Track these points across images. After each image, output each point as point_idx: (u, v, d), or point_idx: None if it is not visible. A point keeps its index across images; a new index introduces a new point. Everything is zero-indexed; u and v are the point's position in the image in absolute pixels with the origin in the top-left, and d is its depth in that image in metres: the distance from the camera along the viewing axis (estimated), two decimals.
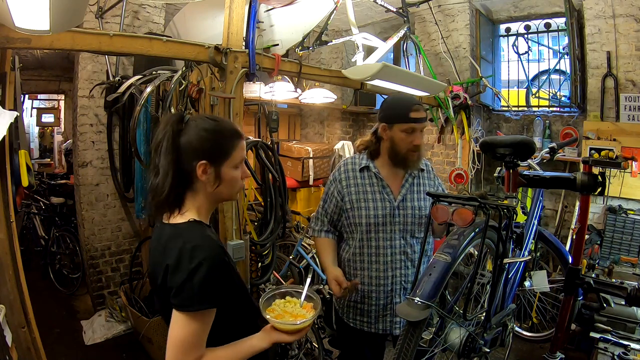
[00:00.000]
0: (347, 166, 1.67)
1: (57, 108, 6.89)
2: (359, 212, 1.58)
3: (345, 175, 1.65)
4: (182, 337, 0.89)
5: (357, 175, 1.63)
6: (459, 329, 1.32)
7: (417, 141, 1.54)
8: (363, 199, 1.59)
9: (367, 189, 1.60)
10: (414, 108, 1.53)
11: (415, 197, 1.62)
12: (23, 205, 4.03)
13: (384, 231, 1.57)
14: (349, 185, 1.62)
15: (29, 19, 1.18)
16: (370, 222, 1.57)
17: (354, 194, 1.61)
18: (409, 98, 1.64)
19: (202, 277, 0.88)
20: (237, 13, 2.00)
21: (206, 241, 0.94)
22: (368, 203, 1.58)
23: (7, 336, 1.53)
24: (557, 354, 1.72)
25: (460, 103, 3.54)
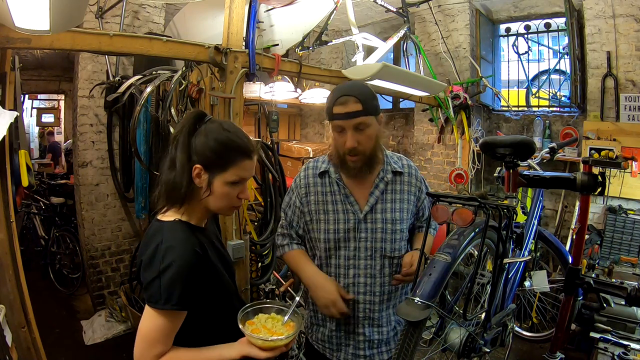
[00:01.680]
0: (308, 170, 1.40)
1: (57, 108, 6.90)
2: (317, 226, 1.34)
3: (305, 181, 1.38)
4: (147, 330, 0.91)
5: (317, 182, 1.36)
6: (459, 329, 1.32)
7: (349, 142, 1.22)
8: (322, 210, 1.33)
9: (327, 199, 1.33)
10: (337, 101, 1.22)
11: (388, 207, 1.32)
12: (23, 205, 4.03)
13: (347, 248, 1.31)
14: (308, 193, 1.36)
15: (29, 19, 1.18)
16: (330, 237, 1.31)
17: (312, 204, 1.35)
18: (341, 87, 1.29)
19: (169, 277, 0.88)
20: (237, 13, 2.00)
21: (181, 243, 0.92)
22: (328, 215, 1.32)
23: (7, 336, 1.53)
24: (557, 354, 1.72)
25: (460, 103, 3.54)
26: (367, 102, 1.22)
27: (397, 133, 4.61)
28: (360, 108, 1.20)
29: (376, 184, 1.33)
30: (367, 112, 1.21)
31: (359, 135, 1.22)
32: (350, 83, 1.31)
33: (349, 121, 1.21)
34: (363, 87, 1.26)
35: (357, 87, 1.25)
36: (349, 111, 1.21)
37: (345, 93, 1.23)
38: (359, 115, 1.20)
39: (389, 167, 1.36)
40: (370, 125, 1.23)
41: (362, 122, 1.21)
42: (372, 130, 1.24)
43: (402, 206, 1.34)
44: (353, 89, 1.24)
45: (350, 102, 1.21)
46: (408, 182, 1.38)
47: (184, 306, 0.91)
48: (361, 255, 1.31)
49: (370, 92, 1.25)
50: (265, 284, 2.38)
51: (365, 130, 1.22)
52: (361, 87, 1.26)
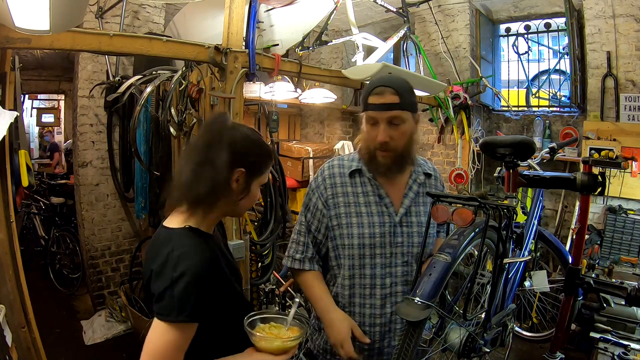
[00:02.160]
0: (333, 169, 1.27)
1: (57, 108, 6.90)
2: (349, 231, 1.20)
3: (331, 181, 1.25)
4: (157, 347, 0.87)
5: (346, 182, 1.24)
6: (459, 329, 1.32)
7: (380, 136, 1.13)
8: (355, 213, 1.20)
9: (359, 200, 1.22)
10: (374, 91, 1.15)
11: (421, 211, 1.26)
12: (23, 205, 4.03)
13: (382, 255, 1.19)
14: (335, 195, 1.23)
15: (29, 19, 1.18)
16: (365, 243, 1.19)
17: (342, 206, 1.22)
18: (380, 77, 1.23)
19: (182, 287, 0.83)
20: (237, 13, 2.00)
21: (195, 250, 0.88)
22: (361, 218, 1.20)
23: (7, 336, 1.53)
24: (557, 354, 1.72)
25: (460, 103, 3.54)
26: (405, 96, 1.14)
27: None
28: (397, 101, 1.12)
29: (410, 185, 1.26)
30: (404, 106, 1.13)
31: (392, 130, 1.14)
32: (390, 75, 1.24)
33: (383, 113, 1.13)
34: (402, 81, 1.17)
35: (396, 80, 1.17)
36: (385, 102, 1.13)
37: (383, 84, 1.15)
38: (395, 108, 1.12)
39: (419, 169, 1.30)
40: (405, 121, 1.14)
41: (397, 117, 1.13)
42: (406, 127, 1.15)
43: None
44: (392, 80, 1.17)
45: (387, 94, 1.13)
46: (435, 186, 1.33)
47: (197, 317, 0.86)
48: (398, 262, 1.20)
49: (409, 87, 1.17)
50: (265, 284, 2.38)
51: (399, 125, 1.14)
52: (401, 80, 1.17)
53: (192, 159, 0.95)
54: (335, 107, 4.41)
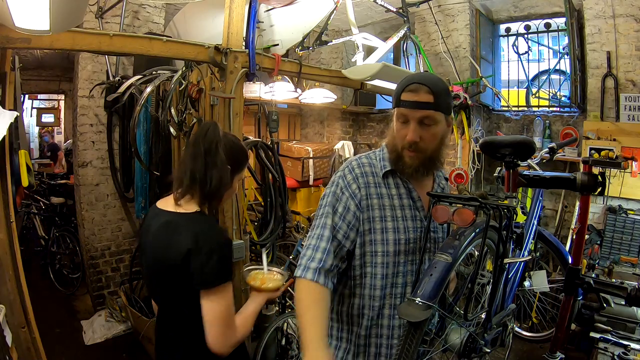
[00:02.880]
0: (364, 168, 1.16)
1: (57, 108, 6.90)
2: (385, 236, 1.11)
3: (364, 180, 1.14)
4: (221, 309, 1.08)
5: (379, 182, 1.15)
6: (460, 329, 1.32)
7: (410, 135, 1.07)
8: (391, 217, 1.12)
9: (394, 202, 1.14)
10: (408, 87, 1.09)
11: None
12: (23, 205, 4.03)
13: (413, 262, 1.13)
14: (369, 196, 1.12)
15: (29, 19, 1.18)
16: (401, 249, 1.11)
17: (377, 209, 1.12)
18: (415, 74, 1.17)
19: (223, 254, 1.09)
20: (237, 13, 2.00)
21: (218, 227, 1.19)
22: (397, 222, 1.12)
23: (7, 336, 1.53)
24: (557, 354, 1.72)
25: (460, 103, 3.53)
26: (440, 96, 1.07)
27: None
28: (431, 100, 1.06)
29: (435, 189, 1.22)
30: (438, 107, 1.07)
31: (423, 130, 1.08)
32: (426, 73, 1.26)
33: (415, 111, 1.07)
34: (439, 80, 1.11)
35: (432, 78, 1.10)
36: (418, 100, 1.06)
37: (418, 81, 1.08)
38: (428, 107, 1.06)
39: (440, 173, 1.28)
40: (438, 122, 1.08)
41: (430, 117, 1.07)
42: (438, 129, 1.09)
43: None
44: (428, 78, 1.10)
45: (421, 92, 1.07)
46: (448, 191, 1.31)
47: (231, 277, 1.11)
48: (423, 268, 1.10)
49: (445, 88, 1.11)
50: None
51: (431, 126, 1.08)
52: (437, 80, 1.11)
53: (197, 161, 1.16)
54: (335, 107, 4.41)
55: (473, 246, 1.30)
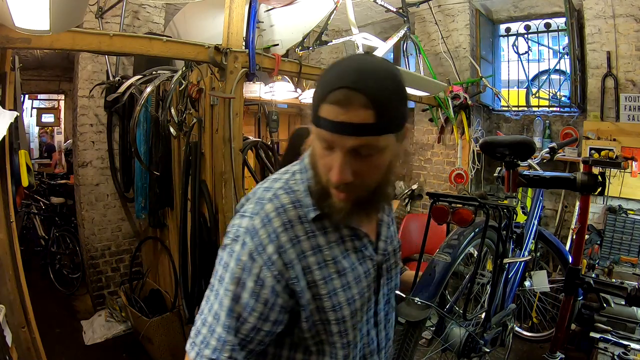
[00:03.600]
0: (288, 213, 0.73)
1: (57, 108, 6.90)
2: (335, 301, 0.75)
3: (289, 236, 0.72)
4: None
5: (311, 230, 0.74)
6: (459, 329, 1.32)
7: (336, 175, 0.67)
8: (336, 274, 0.76)
9: (336, 252, 0.76)
10: (331, 96, 0.65)
11: (392, 231, 0.94)
12: (23, 205, 4.03)
13: (369, 309, 0.83)
14: (303, 256, 0.73)
15: (29, 19, 1.18)
16: (356, 307, 0.78)
17: (316, 270, 0.73)
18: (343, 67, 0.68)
19: None
20: (237, 13, 2.00)
21: None
22: (345, 277, 0.77)
23: (7, 336, 1.53)
24: (557, 354, 1.72)
25: (460, 103, 3.54)
26: (388, 109, 0.65)
27: None
28: (371, 120, 0.63)
29: (381, 219, 0.89)
30: (382, 128, 0.65)
31: (358, 162, 0.67)
32: (361, 63, 0.68)
33: (343, 138, 0.65)
34: (385, 78, 0.67)
35: (373, 77, 0.65)
36: (347, 122, 0.64)
37: (349, 84, 0.64)
38: (365, 132, 0.64)
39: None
40: (383, 149, 0.68)
41: (369, 145, 0.66)
42: (382, 159, 0.69)
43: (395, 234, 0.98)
44: (365, 77, 0.65)
45: (354, 105, 0.63)
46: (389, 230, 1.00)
47: None
48: (380, 308, 0.87)
49: (396, 88, 0.67)
50: None
51: (372, 157, 0.68)
52: (383, 77, 0.67)
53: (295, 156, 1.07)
54: None
55: (472, 246, 1.30)
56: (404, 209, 4.16)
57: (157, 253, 3.07)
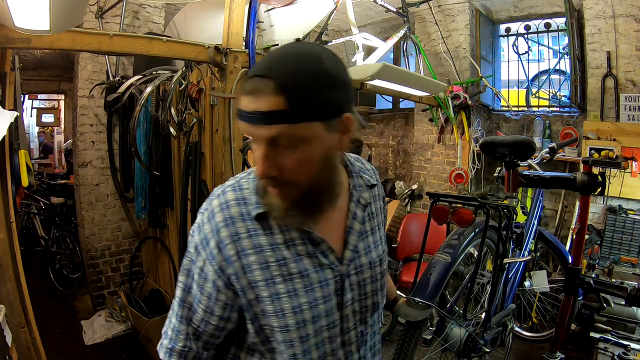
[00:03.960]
0: (230, 210, 0.72)
1: (57, 108, 6.90)
2: (278, 306, 0.72)
3: (229, 231, 0.71)
4: None
5: (254, 229, 0.72)
6: (459, 329, 1.32)
7: (258, 167, 0.67)
8: (280, 277, 0.72)
9: (283, 254, 0.72)
10: (246, 87, 0.64)
11: (370, 242, 0.83)
12: (23, 205, 4.03)
13: (331, 326, 0.76)
14: (243, 253, 0.71)
15: (29, 19, 1.18)
16: (305, 318, 0.73)
17: (256, 270, 0.71)
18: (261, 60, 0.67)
19: None
20: (237, 13, 2.00)
21: None
22: (292, 283, 0.72)
23: (7, 336, 1.53)
24: (557, 354, 1.72)
25: (460, 103, 3.54)
26: (300, 92, 0.61)
27: (397, 133, 4.61)
28: (282, 106, 0.60)
29: (353, 213, 0.80)
30: (297, 114, 0.61)
31: (284, 156, 0.64)
32: (282, 50, 0.68)
33: (256, 129, 0.63)
34: (300, 61, 0.63)
35: (285, 61, 0.64)
36: (257, 110, 0.61)
37: (260, 72, 0.62)
38: (276, 120, 0.61)
39: (360, 181, 0.84)
40: (307, 140, 0.63)
41: (285, 135, 0.62)
42: (308, 151, 0.64)
43: (381, 233, 0.88)
44: (277, 63, 0.63)
45: (264, 92, 0.61)
46: (378, 196, 0.89)
47: None
48: (350, 326, 0.78)
49: (315, 71, 0.63)
50: None
51: (297, 149, 0.64)
52: (297, 60, 0.64)
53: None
54: None
55: (472, 246, 1.30)
56: (404, 209, 4.16)
57: (157, 253, 3.07)
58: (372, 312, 0.82)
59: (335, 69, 0.65)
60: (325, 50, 0.67)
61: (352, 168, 0.84)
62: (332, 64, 0.65)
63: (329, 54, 0.67)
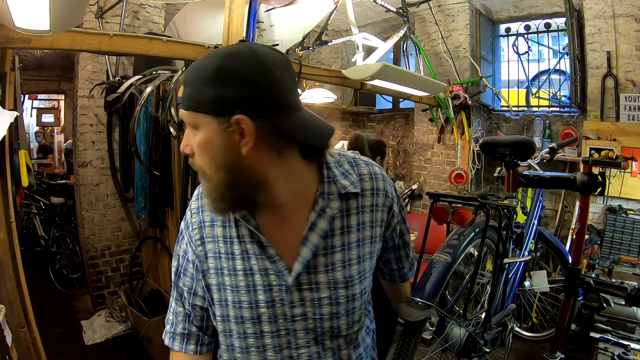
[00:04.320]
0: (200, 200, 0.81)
1: (57, 108, 6.91)
2: (222, 295, 0.77)
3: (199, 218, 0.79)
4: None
5: (214, 219, 0.78)
6: (459, 329, 1.32)
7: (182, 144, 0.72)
8: (227, 270, 0.76)
9: (233, 249, 0.76)
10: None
11: (337, 260, 0.76)
12: (23, 205, 4.03)
13: (274, 334, 0.76)
14: (204, 239, 0.78)
15: (29, 19, 1.18)
16: (244, 315, 0.75)
17: (211, 258, 0.77)
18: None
19: None
20: (237, 13, 2.00)
21: None
22: (236, 278, 0.75)
23: (7, 336, 1.53)
24: (557, 354, 1.72)
25: (460, 103, 3.54)
26: (192, 84, 0.66)
27: (397, 133, 4.61)
28: (181, 94, 0.69)
29: (312, 223, 0.74)
30: (188, 102, 0.67)
31: (192, 138, 0.70)
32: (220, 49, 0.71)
33: (187, 115, 0.69)
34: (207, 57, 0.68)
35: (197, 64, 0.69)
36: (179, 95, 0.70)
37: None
38: (182, 105, 0.69)
39: (332, 188, 0.76)
40: (198, 127, 0.68)
41: (187, 119, 0.69)
42: (202, 137, 0.68)
43: (364, 251, 0.79)
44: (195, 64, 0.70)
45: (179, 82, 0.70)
46: (372, 207, 0.80)
47: None
48: (300, 343, 0.76)
49: (211, 67, 0.65)
50: None
51: (196, 133, 0.69)
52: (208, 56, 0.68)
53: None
54: (335, 107, 4.41)
55: (472, 246, 1.30)
56: (404, 209, 4.16)
57: (157, 253, 3.07)
58: (332, 336, 0.77)
59: (233, 67, 0.64)
60: (235, 48, 0.67)
61: (327, 172, 0.77)
62: (231, 61, 0.65)
63: (234, 50, 0.67)
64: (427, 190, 4.08)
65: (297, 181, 0.74)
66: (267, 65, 0.65)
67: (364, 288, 0.80)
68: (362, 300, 0.80)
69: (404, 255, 0.96)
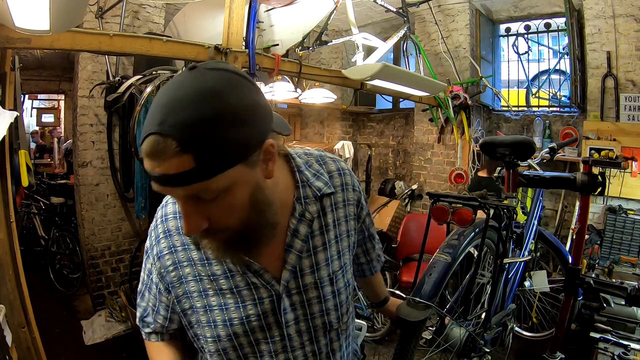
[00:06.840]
0: (168, 223, 0.77)
1: (57, 108, 6.90)
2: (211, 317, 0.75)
3: (168, 243, 0.76)
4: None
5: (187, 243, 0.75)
6: (459, 329, 1.32)
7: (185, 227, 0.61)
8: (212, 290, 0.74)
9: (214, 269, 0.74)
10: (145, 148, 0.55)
11: (321, 259, 0.78)
12: (23, 205, 4.03)
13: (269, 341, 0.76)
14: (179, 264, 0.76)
15: (29, 19, 1.18)
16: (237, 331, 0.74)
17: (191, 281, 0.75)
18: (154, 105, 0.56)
19: None
20: (237, 13, 2.00)
21: None
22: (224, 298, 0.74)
23: (7, 336, 1.53)
24: (557, 354, 1.72)
25: (460, 103, 3.54)
26: (208, 144, 0.53)
27: (397, 133, 4.61)
28: (192, 164, 0.53)
29: (293, 230, 0.74)
30: (209, 169, 0.55)
31: (208, 206, 0.59)
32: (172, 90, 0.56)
33: (171, 190, 0.57)
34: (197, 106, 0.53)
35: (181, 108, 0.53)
36: (165, 173, 0.54)
37: (153, 129, 0.53)
38: (189, 180, 0.54)
39: (308, 191, 0.76)
40: (229, 188, 0.58)
41: (204, 190, 0.57)
42: (236, 195, 0.60)
43: (342, 245, 0.81)
44: (172, 113, 0.53)
45: (165, 153, 0.53)
46: (344, 202, 0.82)
47: None
48: (295, 345, 0.77)
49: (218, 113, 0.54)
50: None
51: (220, 198, 0.59)
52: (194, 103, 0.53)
53: None
54: (335, 107, 4.41)
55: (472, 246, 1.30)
56: (404, 209, 4.16)
57: None
58: (325, 331, 0.80)
59: (239, 99, 0.55)
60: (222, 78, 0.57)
61: (300, 176, 0.76)
62: (235, 94, 0.55)
63: (227, 81, 0.56)
64: (427, 190, 4.08)
65: (280, 190, 0.72)
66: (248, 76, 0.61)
67: (347, 280, 0.83)
68: (347, 292, 0.83)
69: (370, 248, 0.98)
